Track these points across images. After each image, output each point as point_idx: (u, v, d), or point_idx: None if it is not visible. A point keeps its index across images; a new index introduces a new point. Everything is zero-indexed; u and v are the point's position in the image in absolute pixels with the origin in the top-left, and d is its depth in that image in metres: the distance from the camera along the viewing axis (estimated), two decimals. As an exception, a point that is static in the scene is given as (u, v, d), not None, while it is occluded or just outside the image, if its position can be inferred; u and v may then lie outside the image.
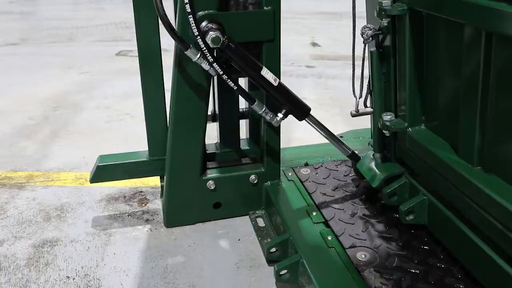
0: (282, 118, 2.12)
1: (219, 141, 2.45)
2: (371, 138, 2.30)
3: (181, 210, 2.34)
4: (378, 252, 1.88)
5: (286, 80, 2.16)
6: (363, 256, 1.86)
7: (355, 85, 2.17)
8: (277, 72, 2.16)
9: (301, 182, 2.39)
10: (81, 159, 3.08)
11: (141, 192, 2.69)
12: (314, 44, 6.00)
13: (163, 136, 2.29)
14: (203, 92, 2.14)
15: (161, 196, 2.48)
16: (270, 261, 2.08)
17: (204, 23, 1.92)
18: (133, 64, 2.79)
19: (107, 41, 6.20)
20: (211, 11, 1.96)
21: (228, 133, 2.42)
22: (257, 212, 2.42)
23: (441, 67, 1.77)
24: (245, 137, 2.52)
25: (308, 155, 2.65)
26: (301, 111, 2.14)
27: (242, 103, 2.39)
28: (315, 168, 2.50)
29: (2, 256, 2.18)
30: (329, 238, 1.96)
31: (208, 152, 2.38)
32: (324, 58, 5.38)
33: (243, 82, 2.32)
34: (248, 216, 2.41)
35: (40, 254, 2.19)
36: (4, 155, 3.15)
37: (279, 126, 2.25)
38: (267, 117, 2.12)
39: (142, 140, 2.41)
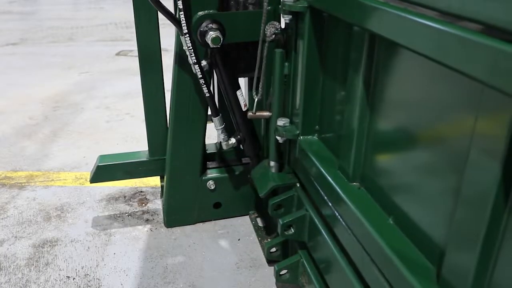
0: (234, 144, 2.11)
1: (219, 141, 2.45)
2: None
3: (181, 210, 2.34)
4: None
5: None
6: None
7: (254, 85, 2.05)
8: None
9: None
10: (81, 159, 3.08)
11: (141, 192, 2.69)
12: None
13: (163, 136, 2.29)
14: (203, 92, 2.14)
15: (161, 196, 2.48)
16: (270, 261, 2.08)
17: (204, 23, 1.92)
18: (133, 64, 2.80)
19: (107, 41, 6.20)
20: (211, 11, 1.96)
21: (228, 133, 2.42)
22: (257, 212, 2.42)
23: (335, 72, 1.63)
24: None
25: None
26: (253, 147, 2.15)
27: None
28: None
29: (2, 256, 2.18)
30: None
31: (208, 152, 2.38)
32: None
33: (242, 81, 2.31)
34: (248, 216, 2.42)
35: (40, 254, 2.19)
36: (4, 155, 3.15)
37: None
38: (221, 136, 2.11)
39: (142, 140, 2.41)
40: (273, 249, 2.03)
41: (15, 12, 8.39)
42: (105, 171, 2.33)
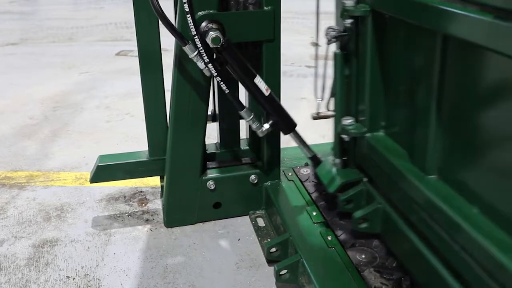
0: (268, 129, 2.12)
1: (219, 141, 2.45)
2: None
3: (181, 210, 2.33)
4: (378, 252, 1.88)
5: (286, 80, 2.17)
6: (363, 256, 1.86)
7: (317, 87, 2.14)
8: (277, 72, 2.16)
9: (301, 182, 2.39)
10: (81, 159, 3.08)
11: (141, 192, 2.69)
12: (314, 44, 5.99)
13: (163, 136, 2.29)
14: (203, 92, 2.14)
15: (161, 196, 2.48)
16: (270, 261, 2.08)
17: (204, 23, 1.92)
18: (133, 64, 2.80)
19: (107, 41, 6.20)
20: (211, 11, 1.96)
21: (228, 133, 2.42)
22: (257, 212, 2.42)
23: (402, 72, 1.72)
24: (245, 137, 2.52)
25: (308, 155, 2.65)
26: (288, 125, 2.15)
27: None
28: (315, 168, 2.50)
29: (2, 256, 2.18)
30: (329, 238, 1.96)
31: (208, 152, 2.38)
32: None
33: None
34: (248, 216, 2.42)
35: (40, 254, 2.19)
36: (4, 155, 3.15)
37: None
38: (254, 126, 2.12)
39: (142, 140, 2.41)
40: (273, 249, 2.03)
41: (15, 12, 8.38)
42: (105, 171, 2.33)
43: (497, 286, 1.23)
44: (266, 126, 2.12)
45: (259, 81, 2.02)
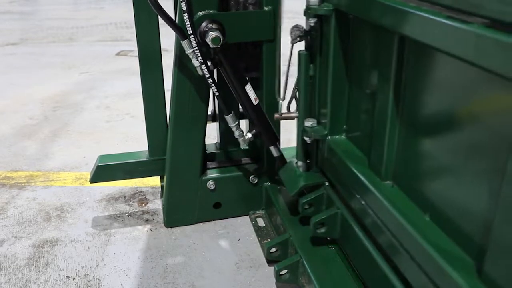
0: (250, 138, 2.13)
1: (219, 141, 2.45)
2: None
3: (181, 210, 2.34)
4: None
5: (286, 80, 2.16)
6: (363, 256, 1.86)
7: (281, 87, 2.10)
8: (277, 72, 2.16)
9: (301, 182, 2.38)
10: (81, 159, 3.08)
11: (141, 192, 2.69)
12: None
13: (163, 136, 2.29)
14: (203, 92, 2.14)
15: (161, 196, 2.48)
16: (270, 261, 2.08)
17: (204, 23, 1.92)
18: (133, 64, 2.80)
19: (107, 41, 6.21)
20: (211, 11, 1.96)
21: (228, 133, 2.42)
22: (257, 212, 2.42)
23: (362, 72, 1.68)
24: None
25: (308, 155, 2.65)
26: (270, 137, 2.15)
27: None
28: (315, 168, 2.50)
29: (2, 256, 2.18)
30: (329, 238, 1.96)
31: (208, 152, 2.38)
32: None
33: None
34: (248, 216, 2.42)
35: (40, 254, 2.19)
36: (4, 155, 3.15)
37: (279, 126, 2.25)
38: (236, 133, 2.12)
39: (142, 140, 2.41)
40: (273, 249, 2.03)
41: (15, 12, 8.39)
42: (105, 171, 2.33)
43: None
44: (249, 135, 2.13)
45: (249, 89, 2.03)
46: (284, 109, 2.13)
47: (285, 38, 2.28)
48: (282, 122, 2.14)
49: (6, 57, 5.51)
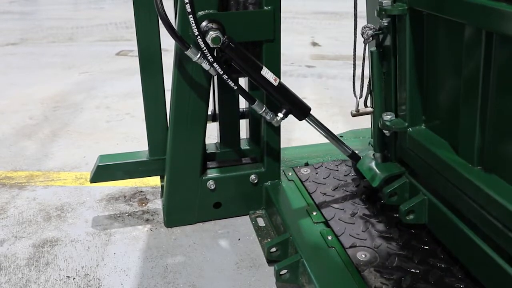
0: (282, 118, 2.12)
1: (219, 141, 2.45)
2: (371, 137, 2.29)
3: (181, 210, 2.34)
4: (378, 252, 1.88)
5: (286, 80, 2.17)
6: (363, 256, 1.86)
7: (355, 85, 2.17)
8: (277, 72, 2.16)
9: (301, 182, 2.39)
10: (81, 159, 3.09)
11: (141, 192, 2.69)
12: (314, 44, 6.00)
13: (163, 136, 2.29)
14: (203, 92, 2.14)
15: (161, 196, 2.49)
16: (270, 261, 2.08)
17: (204, 23, 1.92)
18: (133, 64, 2.80)
19: (107, 41, 6.20)
20: (211, 11, 1.96)
21: (228, 133, 2.42)
22: (257, 212, 2.42)
23: (441, 67, 1.77)
24: (245, 137, 2.52)
25: (308, 155, 2.65)
26: (301, 111, 2.14)
27: (242, 103, 2.39)
28: (315, 168, 2.50)
29: (2, 256, 2.18)
30: (329, 238, 1.97)
31: (208, 152, 2.38)
32: (324, 58, 5.37)
33: (242, 81, 2.31)
34: (248, 216, 2.42)
35: (40, 254, 2.19)
36: (4, 155, 3.15)
37: (279, 126, 2.25)
38: (267, 117, 2.12)
39: (142, 140, 2.41)
40: (273, 249, 2.03)
41: (15, 12, 8.39)
42: (105, 171, 2.33)
43: None
44: (280, 115, 2.11)
45: (266, 72, 2.03)
46: (361, 106, 2.17)
47: (285, 38, 2.29)
48: (282, 122, 2.14)
49: (6, 57, 5.51)
